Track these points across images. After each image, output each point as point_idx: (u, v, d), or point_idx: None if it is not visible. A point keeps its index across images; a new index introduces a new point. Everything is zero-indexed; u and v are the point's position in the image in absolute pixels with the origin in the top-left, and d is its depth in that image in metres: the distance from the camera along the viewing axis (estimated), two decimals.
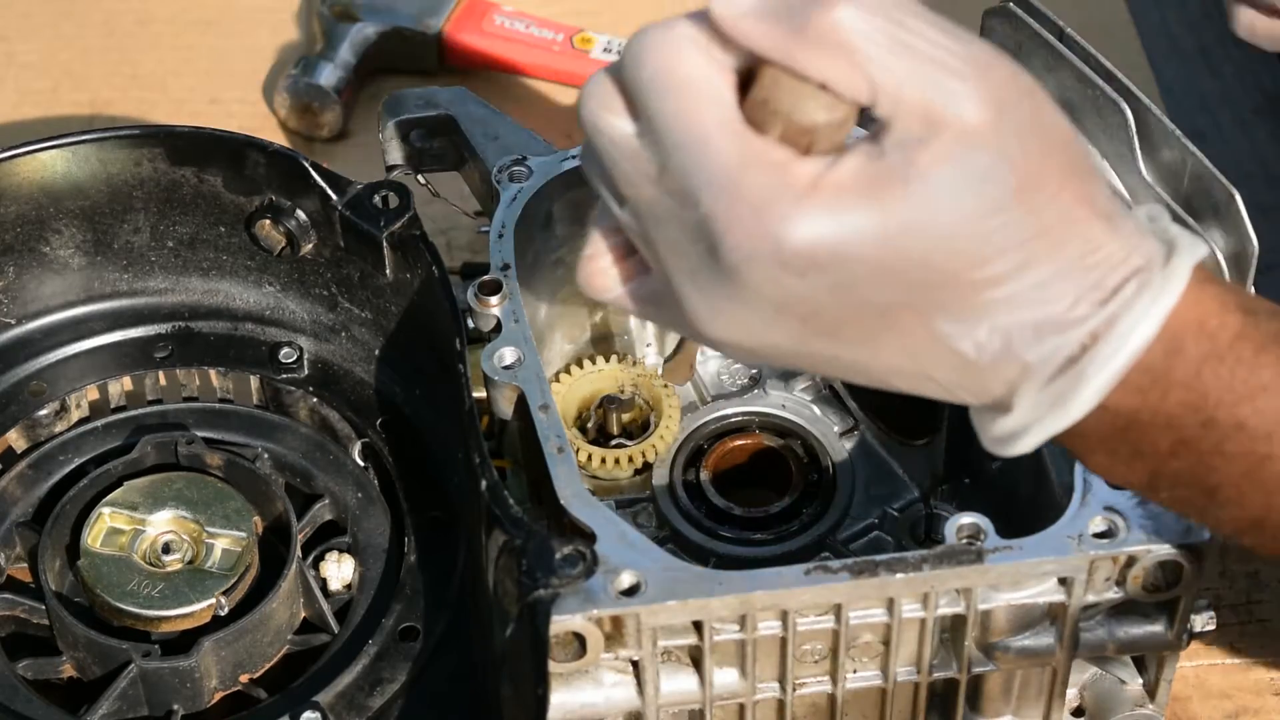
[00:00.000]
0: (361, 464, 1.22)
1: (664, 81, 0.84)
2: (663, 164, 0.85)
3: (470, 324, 1.11)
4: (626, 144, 0.86)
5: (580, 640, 0.97)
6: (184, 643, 1.11)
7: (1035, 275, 0.85)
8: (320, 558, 1.18)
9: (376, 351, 1.23)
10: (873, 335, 0.87)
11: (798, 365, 0.91)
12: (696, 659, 1.02)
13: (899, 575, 0.98)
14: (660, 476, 1.20)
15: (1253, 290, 1.09)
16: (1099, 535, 0.99)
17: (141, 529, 1.16)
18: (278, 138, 1.51)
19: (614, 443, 1.21)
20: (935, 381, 0.88)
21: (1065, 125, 0.88)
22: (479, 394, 1.09)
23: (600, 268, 0.93)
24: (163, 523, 1.16)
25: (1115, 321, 0.86)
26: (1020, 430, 0.89)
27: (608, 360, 1.23)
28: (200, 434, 1.21)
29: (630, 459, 1.19)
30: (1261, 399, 0.87)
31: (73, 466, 1.21)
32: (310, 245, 1.22)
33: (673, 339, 1.24)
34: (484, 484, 1.02)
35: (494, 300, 1.10)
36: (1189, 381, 0.87)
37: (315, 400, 1.23)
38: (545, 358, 1.22)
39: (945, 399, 0.90)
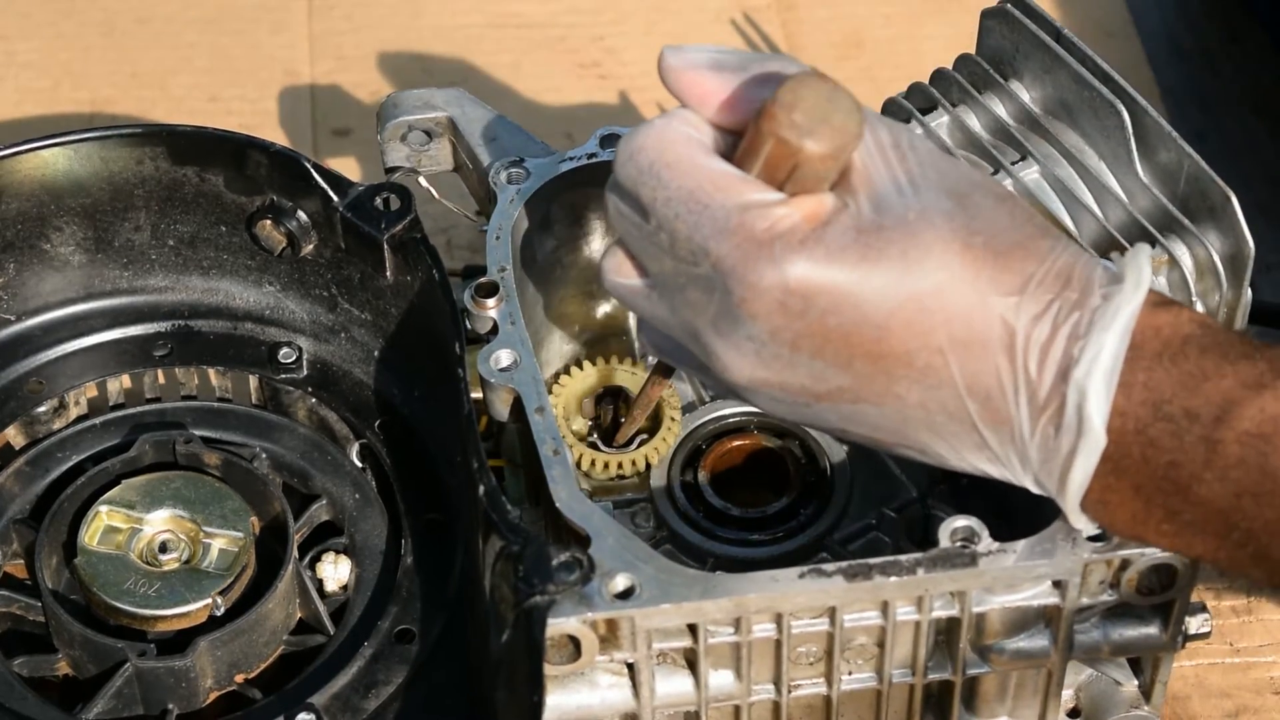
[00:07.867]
0: (359, 465, 1.22)
1: (654, 163, 0.94)
2: (672, 235, 0.94)
3: (469, 326, 1.11)
4: (641, 231, 0.96)
5: (575, 643, 0.97)
6: (180, 642, 1.11)
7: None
8: (317, 558, 1.18)
9: (376, 353, 1.23)
10: (878, 373, 0.93)
11: (820, 416, 0.96)
12: (691, 661, 1.02)
13: (893, 578, 0.98)
14: (658, 477, 1.20)
15: (1249, 291, 1.09)
16: (1093, 538, 0.99)
17: (139, 528, 1.16)
18: (276, 135, 1.51)
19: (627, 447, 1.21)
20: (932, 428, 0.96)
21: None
22: (478, 396, 1.09)
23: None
24: (160, 522, 1.16)
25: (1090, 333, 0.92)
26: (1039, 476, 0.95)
27: (607, 361, 1.22)
28: (198, 433, 1.21)
29: (626, 463, 1.19)
30: (1206, 386, 0.91)
31: (71, 464, 1.22)
32: (311, 246, 1.22)
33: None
34: (482, 489, 1.02)
35: (491, 302, 1.10)
36: (1146, 380, 0.92)
37: (314, 401, 1.23)
38: (544, 358, 1.22)
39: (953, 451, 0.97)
